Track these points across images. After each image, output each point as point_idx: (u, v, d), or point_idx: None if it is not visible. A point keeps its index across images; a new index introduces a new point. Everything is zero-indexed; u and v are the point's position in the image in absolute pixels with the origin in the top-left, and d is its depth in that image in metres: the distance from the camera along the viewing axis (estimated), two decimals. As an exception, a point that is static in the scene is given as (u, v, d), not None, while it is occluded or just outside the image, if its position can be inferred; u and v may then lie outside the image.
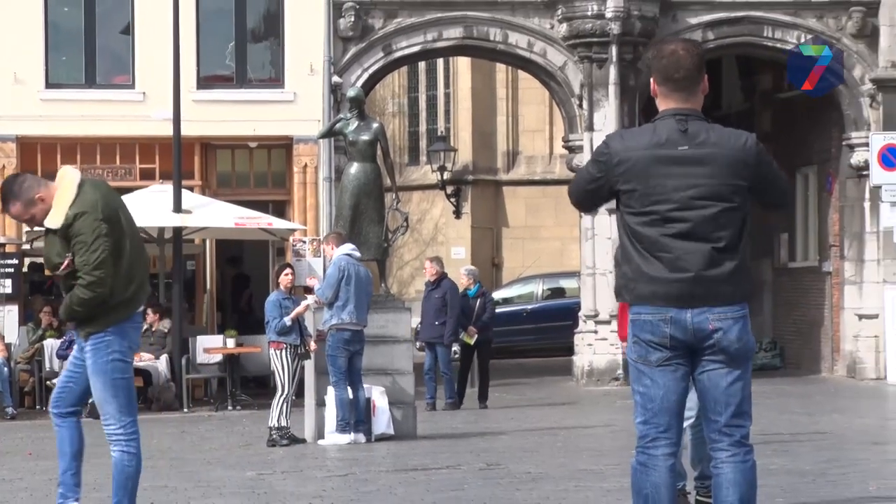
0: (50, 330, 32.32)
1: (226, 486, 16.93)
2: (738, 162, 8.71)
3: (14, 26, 33.78)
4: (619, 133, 8.92)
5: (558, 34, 34.89)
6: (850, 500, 13.46)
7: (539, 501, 14.31)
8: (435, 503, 14.44)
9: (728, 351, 8.69)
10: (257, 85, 34.97)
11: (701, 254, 8.67)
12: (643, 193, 8.70)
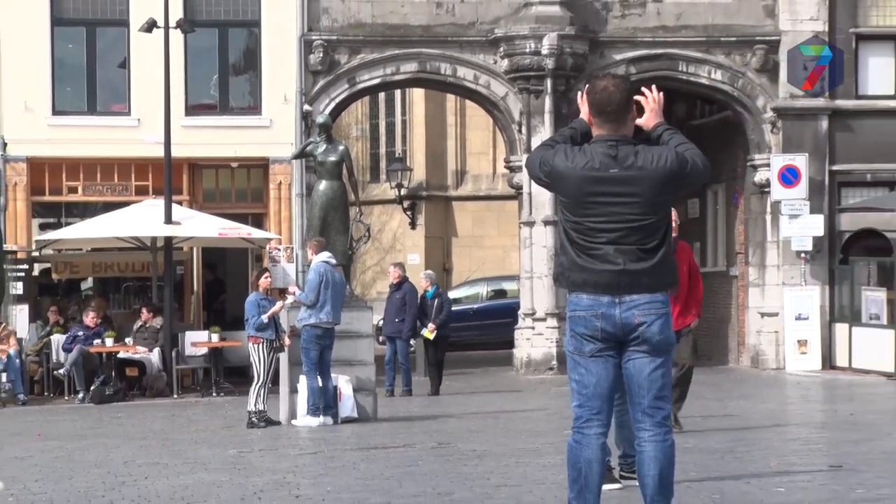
0: (56, 326, 32.25)
1: (211, 462, 16.88)
2: (665, 179, 8.81)
3: (25, 61, 33.66)
4: (563, 150, 8.94)
5: (500, 69, 34.89)
6: (754, 474, 13.48)
7: (484, 476, 14.30)
8: (393, 477, 14.42)
9: (651, 342, 8.76)
10: (238, 112, 34.88)
11: (627, 253, 8.76)
12: (576, 206, 8.81)
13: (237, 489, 13.75)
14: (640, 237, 8.79)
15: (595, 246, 8.80)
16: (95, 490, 14.06)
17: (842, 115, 34.94)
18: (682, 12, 35.20)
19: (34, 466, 17.14)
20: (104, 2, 34.43)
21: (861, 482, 12.74)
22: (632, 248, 8.79)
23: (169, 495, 13.39)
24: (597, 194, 8.77)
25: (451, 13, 34.95)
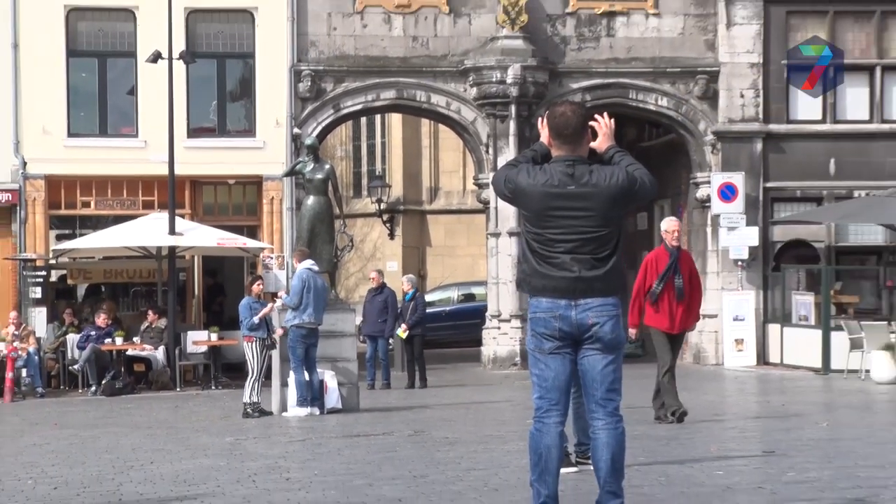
0: (71, 327, 32.22)
1: (210, 448, 16.86)
2: (616, 195, 8.87)
3: (43, 88, 33.59)
4: (525, 169, 9.00)
5: (470, 96, 34.90)
6: (696, 458, 13.50)
7: (455, 460, 14.30)
8: (374, 462, 14.42)
9: (603, 340, 8.81)
10: (234, 135, 34.83)
11: (582, 262, 8.81)
12: (537, 219, 8.87)
13: (234, 473, 13.74)
14: (594, 247, 8.86)
15: (553, 255, 8.86)
16: (106, 473, 14.05)
17: (774, 138, 35.01)
18: (632, 45, 35.24)
19: (51, 452, 17.12)
20: (114, 35, 34.42)
21: (791, 466, 12.78)
22: (586, 257, 8.84)
23: (172, 478, 13.38)
24: (555, 208, 8.82)
25: (426, 46, 34.96)
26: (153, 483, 12.97)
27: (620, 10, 35.18)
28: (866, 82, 35.42)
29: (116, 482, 13.14)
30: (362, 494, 11.51)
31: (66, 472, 14.42)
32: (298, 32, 34.51)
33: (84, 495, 12.15)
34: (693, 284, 18.25)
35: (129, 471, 14.23)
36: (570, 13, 35.12)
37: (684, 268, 18.05)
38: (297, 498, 11.44)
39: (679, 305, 17.94)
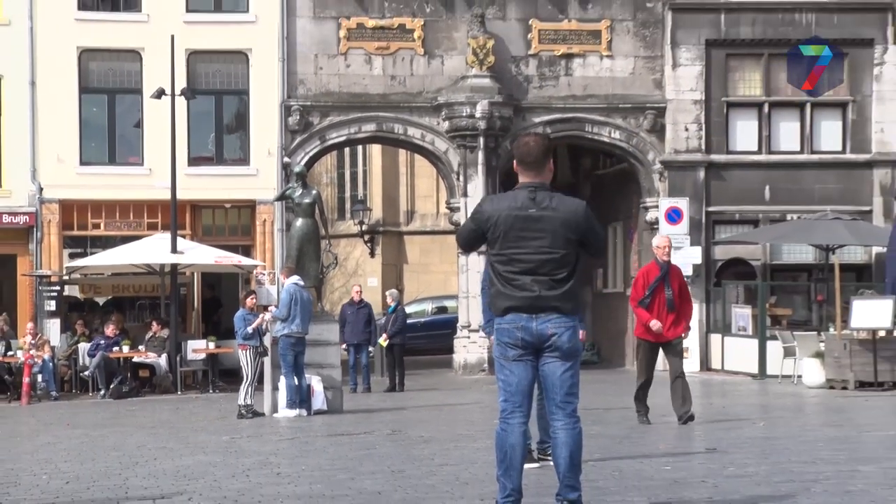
0: (82, 337, 32.14)
1: (208, 446, 16.81)
2: (572, 222, 8.83)
3: (57, 122, 33.59)
4: (489, 197, 9.12)
5: (442, 129, 34.93)
6: (646, 455, 13.50)
7: (429, 457, 14.27)
8: (356, 458, 14.38)
9: (562, 349, 8.79)
10: (230, 163, 34.80)
11: (542, 283, 8.78)
12: (502, 240, 8.82)
13: (229, 468, 13.69)
14: (551, 268, 8.82)
15: (515, 277, 8.83)
16: (113, 469, 13.98)
17: (715, 167, 35.09)
18: (588, 84, 35.31)
19: (64, 450, 17.04)
20: (122, 74, 34.43)
21: (732, 462, 12.79)
22: (545, 278, 8.81)
23: (173, 473, 13.32)
24: (519, 229, 8.79)
25: (403, 84, 34.98)
26: (156, 478, 12.92)
27: (577, 52, 35.26)
28: (797, 117, 35.54)
29: (123, 477, 13.09)
30: (345, 488, 11.47)
31: (78, 467, 14.35)
32: (288, 72, 34.54)
33: (93, 489, 12.09)
34: (683, 296, 18.07)
35: (134, 467, 14.17)
36: (533, 55, 35.19)
37: (674, 281, 17.92)
38: (286, 491, 11.40)
39: (668, 316, 17.75)
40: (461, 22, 34.90)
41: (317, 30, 34.79)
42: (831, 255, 32.30)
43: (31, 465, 14.85)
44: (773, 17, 35.31)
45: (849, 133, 35.47)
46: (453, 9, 34.96)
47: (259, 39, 34.50)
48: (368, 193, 56.51)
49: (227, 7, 34.79)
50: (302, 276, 23.36)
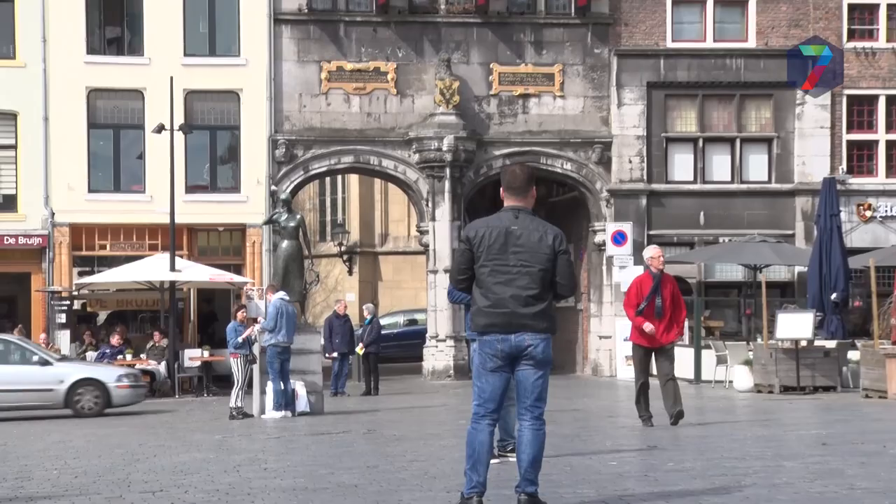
0: (90, 346, 32.08)
1: (203, 444, 16.73)
2: (546, 244, 8.88)
3: (68, 153, 33.63)
4: (476, 223, 9.14)
5: (413, 160, 34.95)
6: (594, 451, 13.49)
7: (401, 454, 14.23)
8: (335, 455, 14.33)
9: (536, 358, 8.83)
10: (223, 191, 34.77)
11: (518, 299, 8.81)
12: (486, 252, 8.88)
13: (221, 464, 13.63)
14: (526, 282, 8.82)
15: (492, 289, 8.85)
16: (117, 465, 13.91)
17: (656, 195, 35.22)
18: (543, 120, 35.39)
19: (72, 448, 16.94)
20: (126, 111, 34.41)
21: (671, 458, 12.80)
22: (520, 293, 8.82)
23: (171, 469, 13.25)
24: (502, 243, 8.86)
25: (378, 121, 35.00)
26: (155, 472, 12.85)
27: (533, 92, 35.36)
28: (728, 151, 35.71)
29: (126, 472, 13.02)
30: (325, 481, 11.43)
31: (85, 463, 14.27)
32: (275, 109, 34.55)
33: (99, 483, 12.02)
34: (676, 304, 17.30)
35: (135, 462, 14.10)
36: (493, 95, 35.26)
37: (666, 290, 17.22)
38: (272, 485, 11.35)
39: (660, 323, 17.08)
40: (430, 65, 34.95)
41: (301, 72, 34.77)
42: (759, 274, 32.39)
43: (43, 461, 14.76)
44: (706, 62, 35.47)
45: (774, 165, 35.63)
46: (422, 54, 35.02)
47: (249, 80, 34.48)
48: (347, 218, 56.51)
49: (220, 51, 34.76)
50: (287, 291, 23.34)
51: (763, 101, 35.70)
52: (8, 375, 24.60)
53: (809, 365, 25.95)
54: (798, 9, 35.53)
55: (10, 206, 33.96)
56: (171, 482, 11.82)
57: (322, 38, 34.87)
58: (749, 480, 10.61)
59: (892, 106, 35.80)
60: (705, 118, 35.62)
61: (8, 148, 33.98)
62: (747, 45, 35.59)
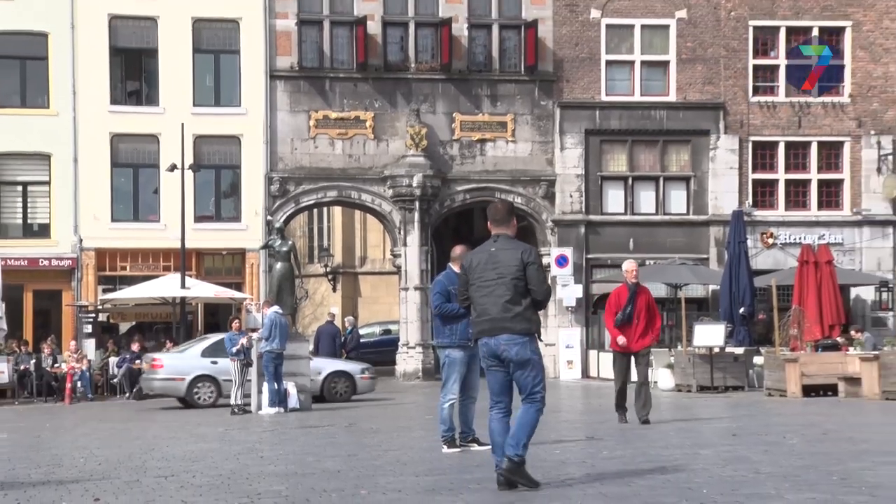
0: (112, 352, 31.89)
1: (207, 436, 16.64)
2: (516, 258, 9.08)
3: (94, 189, 33.59)
4: (470, 252, 9.53)
5: (388, 195, 34.96)
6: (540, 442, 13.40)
7: (377, 444, 14.18)
8: (320, 445, 14.28)
9: (514, 360, 8.98)
10: (226, 220, 34.69)
11: (497, 306, 8.98)
12: (472, 272, 9.17)
13: (224, 452, 13.56)
14: (503, 291, 8.99)
15: (479, 300, 9.09)
16: (135, 453, 13.81)
17: (593, 224, 35.34)
18: (497, 161, 35.49)
19: (96, 439, 16.84)
20: (144, 153, 34.39)
21: (606, 447, 12.79)
22: (499, 301, 8.98)
23: (181, 457, 13.17)
24: (484, 263, 9.12)
25: (358, 161, 35.02)
26: (168, 460, 12.77)
27: (489, 137, 35.46)
28: (654, 188, 35.86)
29: (142, 459, 12.94)
30: (313, 467, 11.39)
31: (107, 452, 14.17)
32: (271, 151, 34.53)
33: (119, 469, 11.94)
34: (650, 312, 16.24)
35: (151, 451, 14.01)
36: (456, 139, 35.33)
37: (641, 300, 16.13)
38: (267, 470, 11.30)
39: (635, 330, 16.11)
40: (402, 114, 34.99)
41: (292, 120, 34.76)
42: (679, 291, 32.53)
43: (72, 451, 14.65)
44: (635, 112, 35.65)
45: (691, 200, 35.80)
46: (396, 105, 35.07)
47: (249, 127, 34.46)
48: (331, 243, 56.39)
49: (224, 102, 34.72)
50: (281, 306, 23.29)
51: (682, 145, 35.91)
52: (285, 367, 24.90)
53: (721, 368, 26.07)
54: (711, 69, 35.78)
55: (44, 234, 33.83)
56: (182, 468, 11.75)
57: (311, 92, 34.87)
58: (671, 466, 10.63)
59: (790, 150, 36.08)
60: (634, 160, 35.78)
61: (43, 184, 33.85)
62: (669, 98, 35.79)
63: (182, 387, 25.20)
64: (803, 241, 33.15)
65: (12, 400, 29.28)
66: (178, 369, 25.20)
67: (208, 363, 25.46)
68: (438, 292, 12.87)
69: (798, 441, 13.18)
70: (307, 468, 11.35)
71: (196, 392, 25.21)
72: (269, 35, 34.53)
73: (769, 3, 35.89)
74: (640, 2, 35.70)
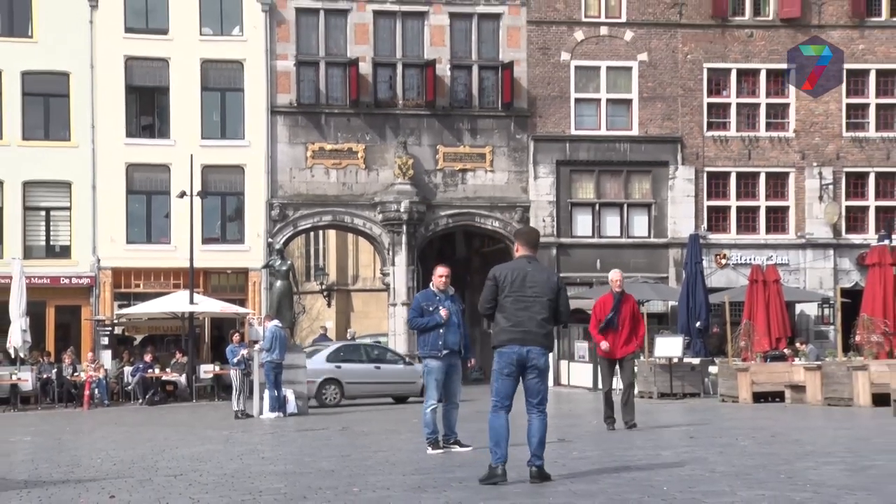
0: (127, 363, 31.76)
1: (213, 438, 16.57)
2: (552, 282, 9.27)
3: (111, 214, 33.50)
4: (500, 266, 9.45)
5: (378, 220, 34.95)
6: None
7: (368, 445, 14.15)
8: (316, 446, 14.24)
9: (539, 368, 9.14)
10: (231, 242, 34.63)
11: (534, 321, 9.13)
12: (510, 286, 9.19)
13: (228, 453, 13.51)
14: (538, 308, 9.16)
15: (513, 312, 9.15)
16: (147, 454, 13.75)
17: (563, 246, 35.39)
18: (477, 189, 35.53)
19: (112, 441, 16.75)
20: (156, 181, 34.35)
21: (576, 448, 12.77)
22: (534, 317, 9.13)
23: (189, 457, 13.12)
24: (521, 279, 9.18)
25: (351, 189, 35.02)
26: (177, 460, 12.71)
27: (470, 167, 35.52)
28: (618, 213, 35.95)
29: (154, 460, 12.88)
30: (309, 467, 11.35)
31: (122, 453, 14.10)
32: (271, 179, 34.52)
33: (133, 468, 11.88)
34: (635, 319, 15.54)
35: (162, 453, 13.94)
36: (439, 169, 35.38)
37: (626, 308, 15.43)
38: (268, 469, 11.26)
39: (619, 337, 15.43)
40: (390, 146, 35.03)
41: (291, 151, 34.75)
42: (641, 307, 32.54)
43: (90, 452, 14.58)
44: (601, 145, 35.76)
45: (652, 224, 35.90)
46: (385, 137, 35.11)
47: (251, 158, 34.44)
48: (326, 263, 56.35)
49: (229, 135, 34.71)
50: (280, 320, 23.24)
51: (644, 175, 36.02)
52: (390, 372, 25.28)
53: (680, 377, 26.10)
54: (669, 106, 35.95)
55: (65, 254, 33.73)
56: (190, 468, 11.70)
57: (308, 126, 34.88)
58: (634, 465, 10.62)
59: (741, 180, 36.23)
60: (600, 188, 35.87)
61: (64, 209, 33.75)
62: (632, 133, 35.92)
63: (312, 388, 25.45)
64: (753, 262, 33.25)
65: (35, 406, 29.12)
66: (310, 373, 25.33)
67: (333, 367, 26.01)
68: (413, 308, 12.99)
69: (749, 443, 13.19)
70: (304, 468, 11.31)
71: (324, 393, 25.61)
72: (270, 75, 34.56)
73: (721, 47, 36.12)
74: (605, 46, 35.88)
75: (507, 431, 9.14)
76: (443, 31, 35.35)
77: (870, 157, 36.36)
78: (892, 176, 36.51)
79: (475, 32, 35.56)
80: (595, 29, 35.81)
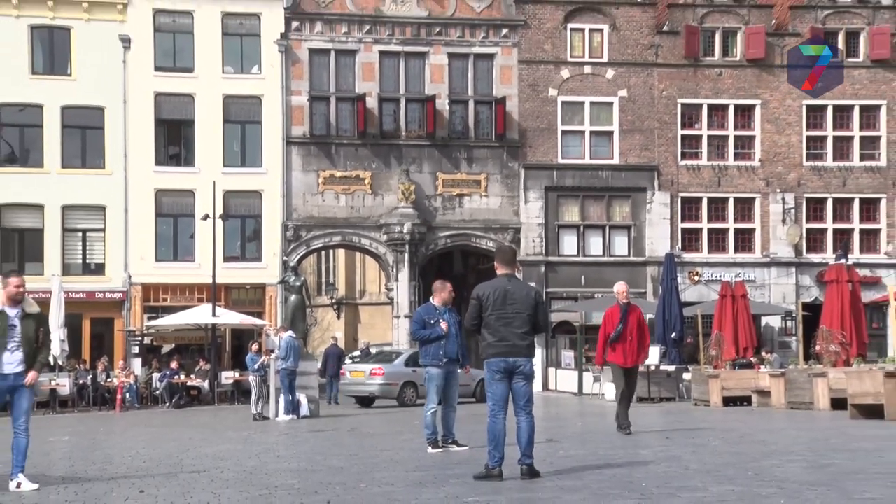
0: (155, 370, 31.68)
1: (233, 438, 16.52)
2: (530, 297, 9.28)
3: (141, 235, 33.47)
4: (482, 285, 9.41)
5: (383, 240, 34.95)
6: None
7: (374, 445, 14.10)
8: (327, 445, 14.21)
9: (525, 374, 9.16)
10: (250, 260, 34.59)
11: (516, 335, 9.13)
12: (493, 305, 9.17)
13: (246, 452, 13.48)
14: (520, 323, 9.16)
15: (498, 328, 9.14)
16: (173, 453, 13.71)
17: (551, 264, 35.37)
18: (473, 212, 35.54)
19: (141, 441, 16.70)
20: (183, 205, 34.26)
21: (562, 448, 12.75)
22: (517, 331, 9.14)
23: (212, 455, 13.09)
24: (503, 298, 9.16)
25: (358, 212, 35.02)
26: (200, 458, 12.69)
27: (466, 193, 35.54)
28: (601, 234, 35.96)
29: (179, 458, 12.85)
30: (320, 465, 11.33)
31: (151, 451, 14.07)
32: (286, 203, 34.52)
33: (161, 466, 11.86)
34: (642, 330, 14.84)
35: (186, 451, 13.91)
36: (439, 194, 35.40)
37: (633, 318, 14.71)
38: (283, 467, 11.24)
39: (630, 346, 14.70)
40: (394, 173, 35.07)
41: (305, 178, 34.79)
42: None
43: (121, 451, 14.54)
44: (586, 173, 35.81)
45: (632, 244, 35.92)
46: (390, 165, 35.16)
47: (269, 184, 34.46)
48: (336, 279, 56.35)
49: (249, 163, 34.73)
50: (294, 331, 23.21)
51: (624, 200, 36.06)
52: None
53: (657, 382, 26.08)
54: (647, 137, 36.03)
55: (100, 271, 33.71)
56: (212, 465, 11.68)
57: (320, 155, 34.93)
58: (616, 463, 10.61)
59: (712, 204, 36.28)
60: (585, 211, 35.90)
61: (99, 230, 33.75)
62: (613, 161, 35.98)
63: (395, 390, 25.39)
64: (723, 279, 33.31)
65: (72, 409, 29.05)
66: (393, 376, 25.30)
67: (410, 371, 26.06)
68: (416, 321, 13.02)
69: (719, 443, 13.17)
70: (316, 465, 11.30)
71: (404, 395, 25.65)
72: (285, 109, 34.64)
73: (694, 84, 36.24)
74: (589, 83, 35.99)
75: (505, 435, 9.15)
76: (442, 70, 35.47)
77: (827, 184, 36.46)
78: (848, 201, 36.58)
79: (471, 70, 35.67)
80: (580, 68, 35.93)
